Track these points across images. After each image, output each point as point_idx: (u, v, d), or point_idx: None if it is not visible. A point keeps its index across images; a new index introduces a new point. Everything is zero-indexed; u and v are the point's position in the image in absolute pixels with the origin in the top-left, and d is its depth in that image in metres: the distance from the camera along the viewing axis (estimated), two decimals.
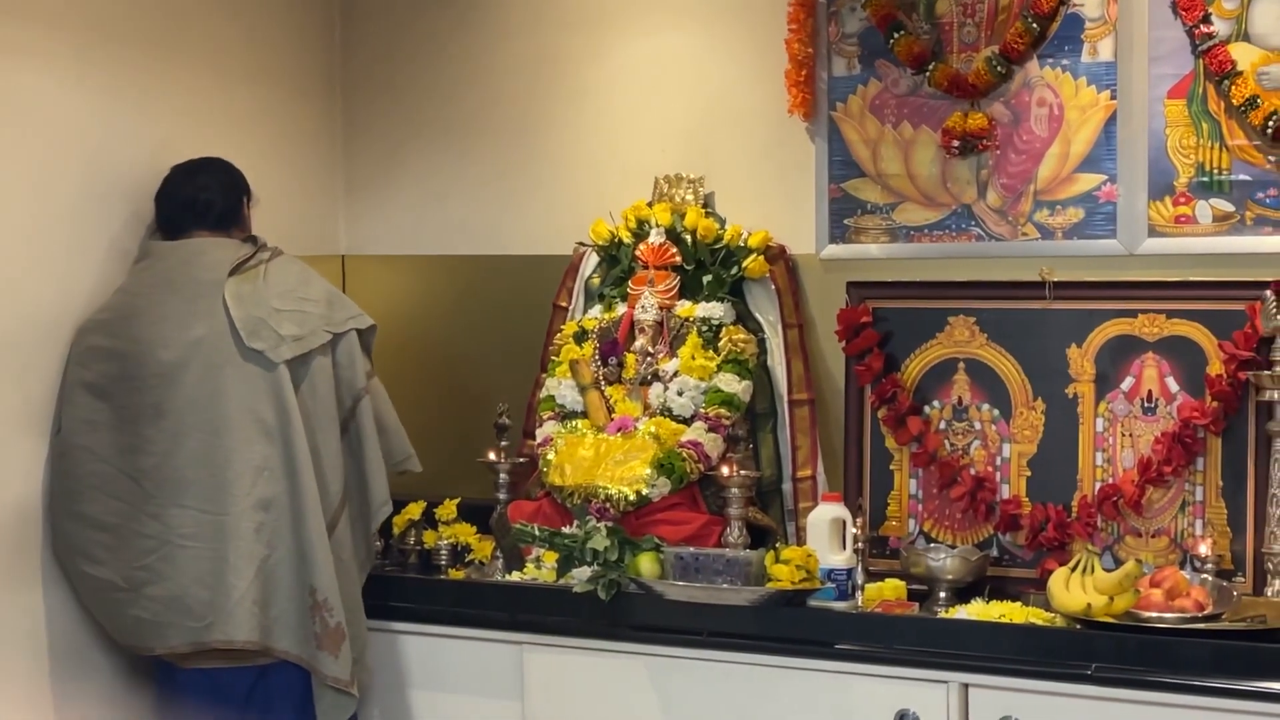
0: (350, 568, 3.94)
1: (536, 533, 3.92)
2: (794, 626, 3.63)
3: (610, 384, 4.25)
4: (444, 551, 4.26)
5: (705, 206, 4.34)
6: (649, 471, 4.01)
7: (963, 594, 3.82)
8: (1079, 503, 3.94)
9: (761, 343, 4.24)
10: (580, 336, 4.33)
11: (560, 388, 4.30)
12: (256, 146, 4.52)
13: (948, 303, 4.10)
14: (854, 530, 3.76)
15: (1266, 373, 3.70)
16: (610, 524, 3.89)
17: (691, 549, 3.80)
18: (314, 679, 3.85)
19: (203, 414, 3.81)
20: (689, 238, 4.29)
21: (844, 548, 3.75)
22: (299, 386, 3.88)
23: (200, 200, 4.03)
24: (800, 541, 3.95)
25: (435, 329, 4.78)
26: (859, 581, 3.74)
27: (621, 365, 4.25)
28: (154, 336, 3.85)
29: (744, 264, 4.24)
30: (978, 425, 4.08)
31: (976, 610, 3.64)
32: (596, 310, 4.38)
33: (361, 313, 4.06)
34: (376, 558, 4.16)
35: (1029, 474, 4.01)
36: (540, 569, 4.02)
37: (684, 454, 4.05)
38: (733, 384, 4.14)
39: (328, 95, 4.88)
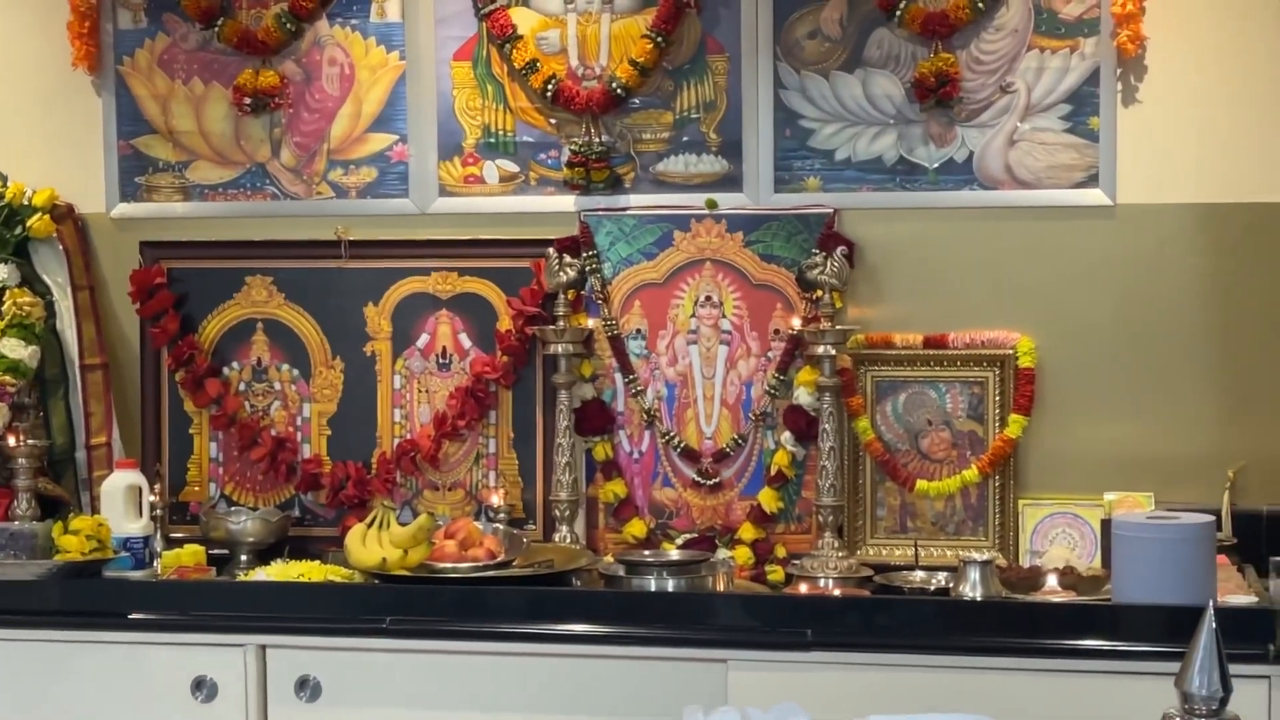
0: None
1: None
2: (85, 599, 3.49)
3: None
4: None
5: None
6: None
7: (265, 555, 3.81)
8: (378, 459, 3.99)
9: (50, 306, 4.06)
10: None
11: None
12: None
13: (245, 262, 4.06)
14: (152, 497, 3.68)
15: (551, 327, 3.86)
16: None
17: None
18: None
19: None
20: None
21: (140, 515, 3.66)
22: None
23: None
24: (95, 511, 3.83)
25: None
26: (157, 549, 3.66)
27: None
28: None
29: (28, 224, 4.05)
30: (278, 386, 4.06)
31: (275, 571, 3.62)
32: None
33: None
34: None
35: (329, 433, 4.04)
36: None
37: None
38: (18, 349, 3.95)
39: None
